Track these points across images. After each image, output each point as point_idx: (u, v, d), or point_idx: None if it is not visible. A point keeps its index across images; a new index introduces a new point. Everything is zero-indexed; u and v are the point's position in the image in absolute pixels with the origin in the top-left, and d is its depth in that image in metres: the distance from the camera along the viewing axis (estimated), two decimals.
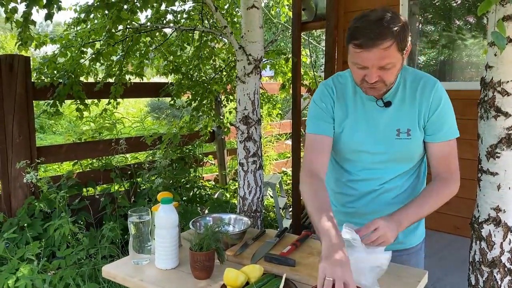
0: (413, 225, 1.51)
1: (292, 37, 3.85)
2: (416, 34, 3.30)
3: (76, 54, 3.32)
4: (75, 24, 3.19)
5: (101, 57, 3.38)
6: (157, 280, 1.35)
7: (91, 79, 3.66)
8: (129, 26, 3.26)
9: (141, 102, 11.35)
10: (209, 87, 4.05)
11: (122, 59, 3.54)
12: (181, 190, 3.94)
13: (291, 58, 3.84)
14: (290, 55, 3.88)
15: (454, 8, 3.17)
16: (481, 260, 1.68)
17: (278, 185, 4.45)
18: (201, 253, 1.32)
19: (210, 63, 4.35)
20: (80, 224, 2.90)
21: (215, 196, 4.34)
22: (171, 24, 3.82)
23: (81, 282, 2.53)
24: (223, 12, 4.16)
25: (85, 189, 3.54)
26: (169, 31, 3.92)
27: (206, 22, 3.86)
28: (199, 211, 3.84)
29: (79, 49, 3.29)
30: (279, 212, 4.08)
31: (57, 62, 3.39)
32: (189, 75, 4.09)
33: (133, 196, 3.66)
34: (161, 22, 3.63)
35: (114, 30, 3.03)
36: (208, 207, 3.85)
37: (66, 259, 2.70)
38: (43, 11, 2.49)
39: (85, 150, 3.70)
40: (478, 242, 1.70)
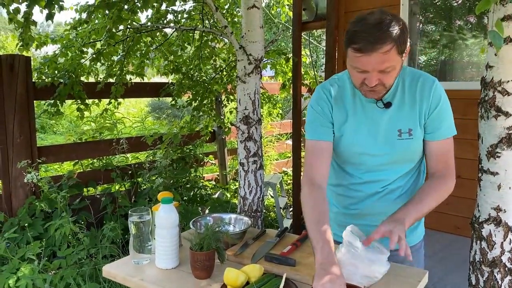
0: (414, 223, 1.51)
1: (292, 37, 3.85)
2: (417, 34, 3.30)
3: (77, 54, 3.32)
4: (77, 25, 3.19)
5: (101, 57, 3.38)
6: (157, 279, 1.35)
7: (92, 79, 3.66)
8: (129, 26, 3.26)
9: (142, 102, 11.36)
10: (209, 87, 4.05)
11: (123, 59, 3.54)
12: (182, 190, 3.95)
13: (291, 58, 3.84)
14: (290, 55, 3.88)
15: (455, 8, 3.17)
16: (481, 260, 1.68)
17: (278, 185, 4.45)
18: (201, 252, 1.32)
19: (211, 63, 4.35)
20: (81, 224, 2.91)
21: (215, 196, 4.34)
22: (172, 24, 3.82)
23: (81, 281, 2.53)
24: (223, 12, 4.16)
25: (85, 189, 3.54)
26: (169, 31, 3.93)
27: (207, 22, 3.86)
28: (200, 211, 3.84)
29: (78, 48, 3.29)
30: (279, 212, 4.08)
31: (57, 62, 3.39)
32: (190, 75, 4.09)
33: (133, 196, 3.66)
34: (161, 22, 3.63)
35: (114, 30, 3.03)
36: (209, 207, 3.85)
37: (66, 258, 2.70)
38: (45, 11, 2.50)
39: (85, 150, 3.70)
40: (478, 242, 1.70)
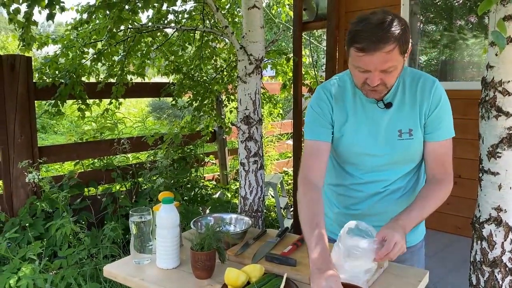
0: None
1: (293, 37, 3.85)
2: (417, 34, 3.30)
3: (78, 54, 3.32)
4: (77, 25, 3.20)
5: (102, 57, 3.38)
6: (158, 279, 1.35)
7: (93, 79, 3.66)
8: (130, 26, 3.26)
9: (143, 102, 11.36)
10: (210, 87, 4.05)
11: (124, 59, 3.54)
12: (183, 190, 3.95)
13: (292, 58, 3.84)
14: (291, 55, 3.88)
15: (456, 8, 3.17)
16: (482, 260, 1.68)
17: (279, 185, 4.45)
18: (202, 252, 1.32)
19: (211, 63, 4.35)
20: (82, 224, 2.91)
21: (216, 196, 4.34)
22: (173, 24, 3.82)
23: (82, 281, 2.54)
24: (224, 12, 4.16)
25: (86, 189, 3.55)
26: (170, 31, 3.93)
27: (207, 22, 3.86)
28: (200, 211, 3.85)
29: (79, 48, 3.30)
30: (280, 212, 4.08)
31: (58, 62, 3.39)
32: (190, 75, 4.09)
33: (134, 196, 3.67)
34: (162, 22, 3.63)
35: (115, 30, 3.04)
36: (209, 207, 3.85)
37: (67, 258, 2.70)
38: (45, 11, 2.50)
39: (86, 150, 3.70)
40: (479, 242, 1.69)
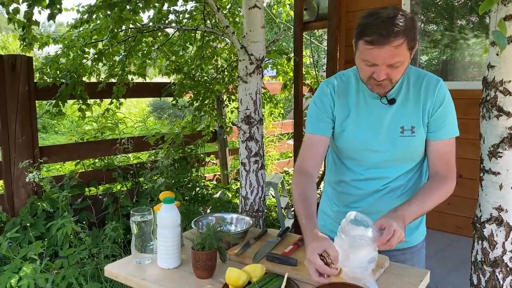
0: (415, 223, 1.51)
1: (293, 37, 3.85)
2: (418, 34, 3.29)
3: (78, 54, 3.33)
4: (78, 24, 3.20)
5: (103, 57, 3.38)
6: (159, 279, 1.35)
7: (94, 79, 3.67)
8: (131, 26, 3.26)
9: (143, 102, 11.37)
10: (211, 87, 4.05)
11: (125, 59, 3.54)
12: (183, 190, 3.95)
13: (293, 58, 3.83)
14: (292, 54, 3.88)
15: (456, 8, 3.16)
16: (483, 259, 1.68)
17: (280, 185, 4.45)
18: (203, 252, 1.32)
19: (212, 63, 4.35)
20: (83, 223, 2.91)
21: (217, 195, 4.34)
22: (173, 24, 3.82)
23: (83, 281, 2.54)
24: (225, 12, 4.16)
25: (87, 188, 3.55)
26: (171, 31, 3.93)
27: (208, 22, 3.86)
28: (201, 210, 3.85)
29: (80, 48, 3.30)
30: (281, 211, 4.08)
31: (59, 62, 3.39)
32: (191, 75, 4.09)
33: (135, 196, 3.67)
34: (163, 22, 3.63)
35: (116, 30, 3.04)
36: (210, 206, 3.85)
37: (68, 258, 2.71)
38: (45, 12, 2.50)
39: (87, 150, 3.71)
40: (480, 241, 1.69)
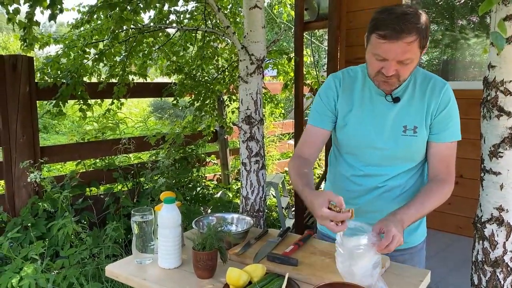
0: (415, 224, 1.51)
1: (294, 37, 3.85)
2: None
3: (79, 55, 3.33)
4: (78, 24, 3.20)
5: (104, 57, 3.39)
6: (160, 279, 1.35)
7: (94, 80, 3.67)
8: (132, 26, 3.26)
9: (144, 102, 11.37)
10: (211, 87, 4.05)
11: (125, 60, 3.55)
12: (184, 190, 3.95)
13: (293, 58, 3.83)
14: (292, 54, 3.88)
15: (457, 7, 3.16)
16: (484, 259, 1.68)
17: (280, 185, 4.45)
18: (203, 252, 1.32)
19: (213, 63, 4.35)
20: (84, 223, 2.91)
21: (217, 195, 4.34)
22: (174, 24, 3.82)
23: (84, 281, 2.54)
24: (225, 12, 4.16)
25: (88, 188, 3.55)
26: (172, 31, 3.93)
27: (209, 22, 3.86)
28: (202, 210, 3.85)
29: (81, 49, 3.30)
30: (281, 211, 4.08)
31: (60, 63, 3.40)
32: (192, 75, 4.09)
33: (136, 196, 3.67)
34: (164, 22, 3.63)
35: (117, 30, 3.04)
36: (211, 206, 3.85)
37: (69, 258, 2.71)
38: (47, 12, 2.50)
39: (88, 150, 3.71)
40: (481, 241, 1.69)
